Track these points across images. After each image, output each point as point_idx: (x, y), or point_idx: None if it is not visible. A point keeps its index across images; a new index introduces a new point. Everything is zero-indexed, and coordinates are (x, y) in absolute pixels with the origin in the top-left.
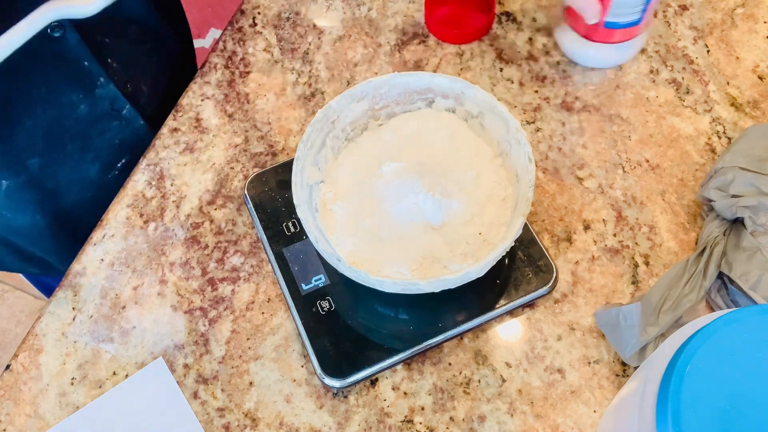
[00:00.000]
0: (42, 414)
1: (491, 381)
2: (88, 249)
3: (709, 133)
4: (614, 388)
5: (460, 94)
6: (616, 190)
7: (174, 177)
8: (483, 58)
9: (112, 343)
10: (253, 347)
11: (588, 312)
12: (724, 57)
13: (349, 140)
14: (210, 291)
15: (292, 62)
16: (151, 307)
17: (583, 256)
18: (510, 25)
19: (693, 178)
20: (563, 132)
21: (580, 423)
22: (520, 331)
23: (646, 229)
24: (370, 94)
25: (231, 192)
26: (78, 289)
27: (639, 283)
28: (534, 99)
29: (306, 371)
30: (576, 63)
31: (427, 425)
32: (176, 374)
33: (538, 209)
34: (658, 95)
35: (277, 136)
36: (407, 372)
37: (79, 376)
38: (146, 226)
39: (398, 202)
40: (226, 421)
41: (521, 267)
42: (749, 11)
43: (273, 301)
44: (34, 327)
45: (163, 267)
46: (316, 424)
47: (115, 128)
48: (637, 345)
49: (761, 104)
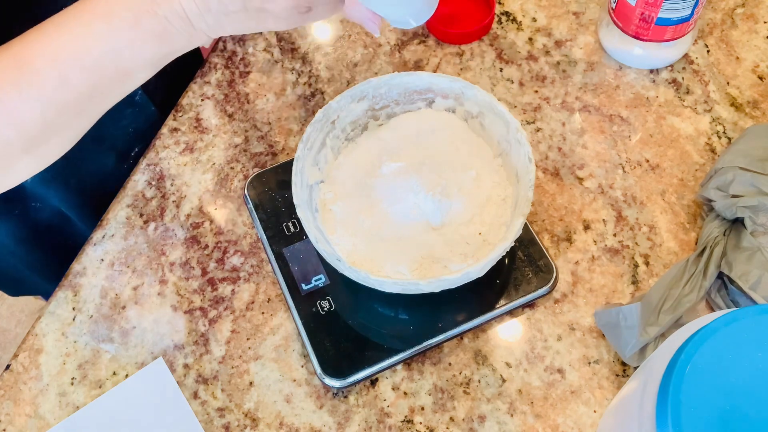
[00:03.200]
0: (42, 414)
1: (491, 381)
2: (88, 249)
3: (709, 133)
4: (614, 388)
5: (460, 94)
6: (616, 190)
7: (174, 177)
8: (483, 58)
9: (112, 343)
10: (253, 347)
11: (588, 312)
12: (724, 57)
13: (349, 140)
14: (210, 291)
15: (292, 62)
16: (151, 307)
17: (583, 256)
18: (510, 25)
19: (693, 178)
20: (563, 132)
21: (580, 423)
22: (520, 331)
23: (646, 229)
24: (370, 94)
25: (231, 192)
26: (78, 289)
27: (639, 283)
28: (534, 99)
29: (306, 371)
30: (624, 64)
31: (427, 425)
32: (176, 374)
33: (538, 209)
34: (658, 95)
35: (277, 136)
36: (407, 372)
37: (79, 376)
38: (146, 226)
39: (398, 202)
40: (226, 421)
41: (521, 267)
42: (749, 11)
43: (273, 301)
44: (34, 327)
45: (163, 267)
46: (316, 424)
47: (129, 115)
48: (637, 345)
49: (761, 104)
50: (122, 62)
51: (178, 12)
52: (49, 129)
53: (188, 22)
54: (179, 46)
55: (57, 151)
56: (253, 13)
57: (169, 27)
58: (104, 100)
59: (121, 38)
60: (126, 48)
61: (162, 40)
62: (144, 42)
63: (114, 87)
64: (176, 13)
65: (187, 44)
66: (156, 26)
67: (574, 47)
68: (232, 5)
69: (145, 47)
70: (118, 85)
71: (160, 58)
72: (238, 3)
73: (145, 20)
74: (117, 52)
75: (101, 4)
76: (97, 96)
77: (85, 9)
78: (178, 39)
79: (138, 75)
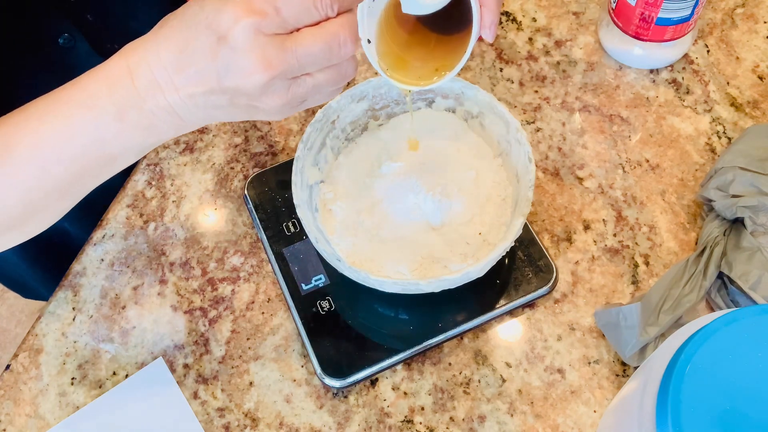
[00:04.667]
0: (42, 414)
1: (491, 381)
2: (88, 249)
3: (709, 133)
4: (614, 388)
5: (460, 94)
6: (616, 190)
7: (174, 177)
8: (483, 58)
9: (112, 343)
10: (253, 347)
11: (588, 312)
12: (724, 57)
13: (349, 140)
14: (210, 291)
15: None
16: (151, 307)
17: (583, 256)
18: (510, 25)
19: (693, 178)
20: (563, 132)
21: (580, 423)
22: (520, 331)
23: (646, 229)
24: (370, 94)
25: (231, 192)
26: (78, 289)
27: (639, 283)
28: (534, 99)
29: (306, 371)
30: (624, 64)
31: (427, 425)
32: (176, 374)
33: (538, 209)
34: (658, 95)
35: (277, 136)
36: (407, 372)
37: (79, 376)
38: (146, 226)
39: (398, 202)
40: (226, 421)
41: (521, 267)
42: (749, 11)
43: (273, 301)
44: (34, 327)
45: (163, 267)
46: (316, 424)
47: None
48: (637, 345)
49: (761, 104)
50: (107, 151)
51: (164, 107)
52: (31, 211)
53: (176, 115)
54: (168, 135)
55: (41, 226)
56: (242, 107)
57: (155, 120)
58: (88, 183)
59: (105, 130)
60: (111, 138)
61: (149, 131)
62: (130, 133)
63: (99, 172)
64: (162, 107)
65: (176, 133)
66: (142, 119)
67: (574, 47)
68: (218, 101)
69: (131, 137)
70: (103, 170)
71: (148, 146)
72: (225, 99)
73: (131, 113)
74: (102, 142)
75: (85, 94)
76: (79, 182)
77: (68, 99)
78: (167, 130)
79: (124, 160)
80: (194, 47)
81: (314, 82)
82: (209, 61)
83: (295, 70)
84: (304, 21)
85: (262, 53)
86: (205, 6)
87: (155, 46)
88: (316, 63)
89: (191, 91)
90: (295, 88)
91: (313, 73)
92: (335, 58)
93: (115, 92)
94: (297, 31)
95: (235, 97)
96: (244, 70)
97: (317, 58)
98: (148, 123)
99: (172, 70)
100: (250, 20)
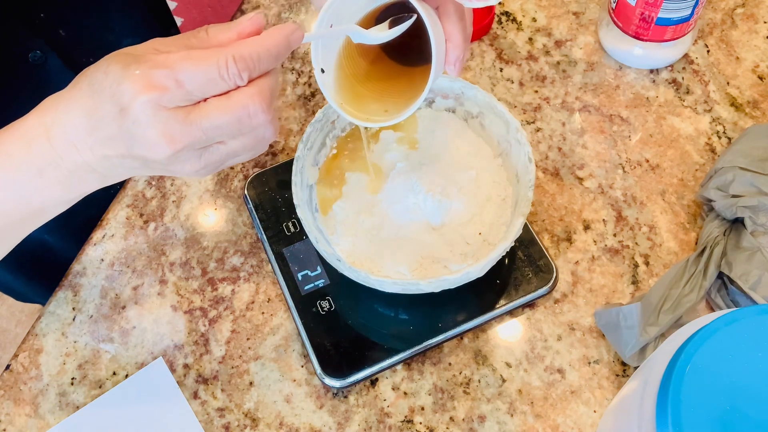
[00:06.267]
0: (42, 414)
1: (491, 381)
2: (88, 249)
3: (709, 133)
4: (614, 388)
5: (460, 94)
6: (616, 190)
7: (174, 177)
8: (483, 58)
9: (112, 343)
10: (253, 347)
11: (588, 312)
12: (724, 57)
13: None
14: (210, 291)
15: (292, 62)
16: (151, 307)
17: (583, 256)
18: (510, 25)
19: (693, 178)
20: (563, 132)
21: (580, 423)
22: (520, 331)
23: (646, 229)
24: None
25: (231, 192)
26: (78, 289)
27: (639, 283)
28: (534, 99)
29: (306, 371)
30: (624, 64)
31: (427, 425)
32: (176, 374)
33: (538, 209)
34: (658, 95)
35: (277, 136)
36: (407, 372)
37: (79, 376)
38: (146, 226)
39: (398, 202)
40: (226, 421)
41: (521, 267)
42: (749, 11)
43: (273, 301)
44: (34, 327)
45: (163, 267)
46: (316, 424)
47: None
48: (637, 345)
49: (761, 104)
50: (33, 205)
51: (81, 165)
52: None
53: (96, 172)
54: (93, 188)
55: None
56: (158, 170)
57: (76, 177)
58: (21, 232)
59: (26, 187)
60: (33, 194)
61: (72, 186)
62: (52, 189)
63: (30, 222)
64: (80, 165)
65: (102, 185)
66: (61, 176)
67: (574, 47)
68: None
69: (54, 192)
70: (35, 220)
71: (75, 198)
72: (138, 163)
73: (49, 171)
74: (24, 197)
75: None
76: (9, 233)
77: None
78: (90, 183)
79: (54, 210)
80: (101, 114)
81: (227, 149)
82: (116, 130)
83: (203, 141)
84: (210, 92)
85: (163, 129)
86: (110, 72)
87: (67, 106)
88: (224, 134)
89: (104, 153)
90: (208, 156)
91: (226, 141)
92: (245, 128)
93: (33, 152)
94: (205, 101)
95: (148, 163)
96: (148, 143)
97: (225, 130)
98: (67, 179)
99: (84, 132)
100: (149, 96)
